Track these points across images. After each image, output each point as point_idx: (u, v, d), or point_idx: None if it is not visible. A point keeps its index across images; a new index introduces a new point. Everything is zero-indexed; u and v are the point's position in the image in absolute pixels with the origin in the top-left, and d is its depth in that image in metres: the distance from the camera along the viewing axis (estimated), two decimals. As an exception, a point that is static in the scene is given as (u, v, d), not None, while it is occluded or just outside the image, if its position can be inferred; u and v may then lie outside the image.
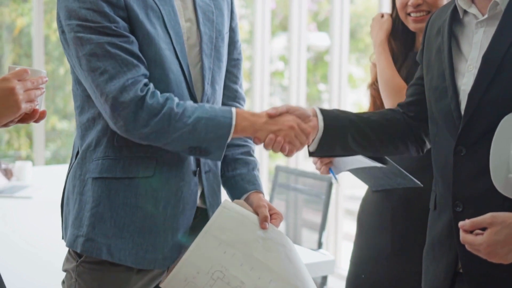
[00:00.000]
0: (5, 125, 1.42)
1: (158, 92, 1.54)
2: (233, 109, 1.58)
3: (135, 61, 1.52)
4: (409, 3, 2.03)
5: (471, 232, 1.37)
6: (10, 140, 5.87)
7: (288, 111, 1.62)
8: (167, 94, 1.55)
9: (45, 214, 3.07)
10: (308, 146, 1.69)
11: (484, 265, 1.39)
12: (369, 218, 2.15)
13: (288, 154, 1.60)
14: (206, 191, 1.67)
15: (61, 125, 6.12)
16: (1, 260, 2.34)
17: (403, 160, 1.92)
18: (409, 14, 2.05)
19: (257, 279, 1.55)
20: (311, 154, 1.70)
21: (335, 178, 2.06)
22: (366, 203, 2.18)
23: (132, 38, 1.54)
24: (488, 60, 1.46)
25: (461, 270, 1.51)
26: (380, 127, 1.73)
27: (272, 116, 1.59)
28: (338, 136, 1.69)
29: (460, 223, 1.38)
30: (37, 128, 4.88)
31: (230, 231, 1.57)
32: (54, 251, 2.32)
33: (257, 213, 1.63)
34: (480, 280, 1.48)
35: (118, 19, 1.52)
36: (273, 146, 1.58)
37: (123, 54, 1.51)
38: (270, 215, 1.64)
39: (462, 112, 1.50)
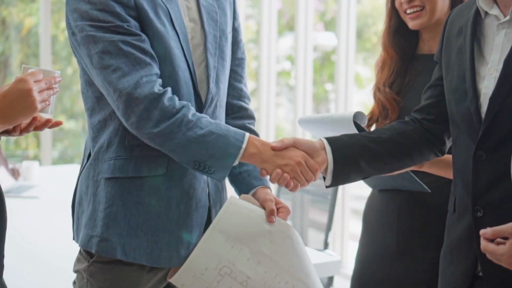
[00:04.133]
0: (20, 133, 1.47)
1: (177, 98, 1.55)
2: (247, 135, 1.58)
3: (147, 60, 1.53)
4: (403, 0, 2.03)
5: (491, 240, 1.35)
6: (18, 140, 5.89)
7: (295, 145, 1.61)
8: (185, 102, 1.55)
9: (51, 214, 3.08)
10: (324, 180, 1.67)
11: (506, 270, 1.36)
12: (375, 217, 2.14)
13: (293, 189, 1.60)
14: (211, 189, 1.68)
15: (68, 125, 6.14)
16: (7, 260, 2.35)
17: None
18: (405, 12, 2.04)
19: (263, 273, 1.57)
20: (328, 186, 1.67)
21: None
22: (372, 201, 2.18)
23: (144, 36, 1.55)
24: (510, 64, 1.43)
25: (480, 274, 1.49)
26: (392, 145, 1.69)
27: (276, 149, 1.59)
28: (350, 164, 1.65)
29: (482, 232, 1.35)
30: (44, 128, 4.89)
31: (237, 226, 1.59)
32: (61, 251, 2.33)
33: (264, 208, 1.64)
34: (501, 285, 1.45)
35: (129, 18, 1.53)
36: (279, 181, 1.58)
37: (136, 52, 1.52)
38: (277, 209, 1.64)
39: (483, 116, 1.47)
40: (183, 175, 1.61)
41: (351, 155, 1.65)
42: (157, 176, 1.59)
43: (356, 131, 1.77)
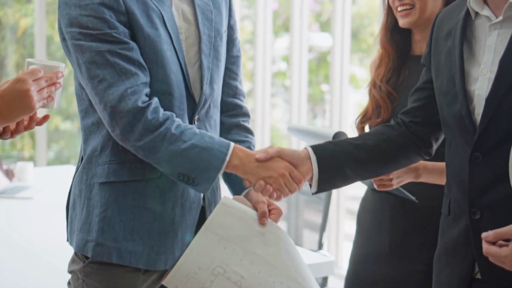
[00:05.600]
0: (11, 136, 1.47)
1: (161, 110, 1.55)
2: (231, 146, 1.58)
3: (133, 69, 1.53)
4: None
5: (493, 243, 1.34)
6: (13, 141, 5.88)
7: (280, 155, 1.61)
8: (168, 114, 1.55)
9: (46, 215, 3.07)
10: (310, 187, 1.67)
11: (505, 272, 1.35)
12: (368, 218, 2.15)
13: (276, 199, 1.61)
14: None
15: (64, 125, 6.13)
16: (1, 260, 2.35)
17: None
18: (397, 10, 2.05)
19: (257, 273, 1.58)
20: (314, 193, 1.67)
21: None
22: (365, 202, 2.19)
23: (132, 44, 1.55)
24: (506, 65, 1.42)
25: (476, 277, 1.48)
26: (377, 151, 1.68)
27: (261, 161, 1.59)
28: (336, 172, 1.66)
29: (483, 235, 1.34)
30: (39, 129, 4.90)
31: (229, 227, 1.60)
32: (55, 252, 2.33)
33: (256, 209, 1.65)
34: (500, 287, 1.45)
35: (118, 24, 1.54)
36: (262, 191, 1.59)
37: (122, 62, 1.53)
38: (269, 211, 1.65)
39: (477, 118, 1.46)
40: None
41: (337, 164, 1.65)
42: (151, 180, 1.60)
43: None
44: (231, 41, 1.78)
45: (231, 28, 1.78)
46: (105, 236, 1.58)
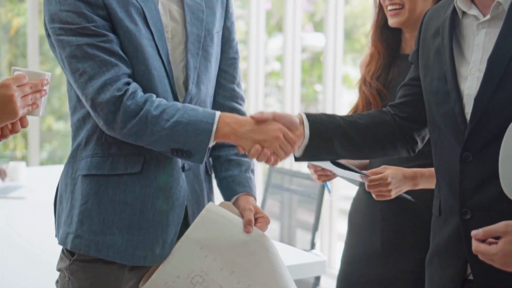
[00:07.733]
0: None
1: (139, 93, 1.55)
2: (217, 114, 1.56)
3: (114, 61, 1.54)
4: None
5: (483, 241, 1.33)
6: (6, 141, 5.86)
7: (275, 118, 1.59)
8: (147, 95, 1.55)
9: (38, 214, 3.07)
10: (294, 152, 1.66)
11: (497, 273, 1.35)
12: (360, 218, 2.15)
13: (273, 164, 1.58)
14: (186, 189, 1.66)
15: (57, 125, 6.12)
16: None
17: (392, 160, 1.92)
18: (387, 9, 2.06)
19: (236, 284, 1.56)
20: (296, 159, 1.67)
21: (329, 191, 2.09)
22: (357, 202, 2.19)
23: (112, 36, 1.56)
24: (494, 63, 1.41)
25: (469, 277, 1.48)
26: (367, 131, 1.69)
27: (256, 119, 1.57)
28: (324, 142, 1.66)
29: (473, 232, 1.33)
30: (32, 129, 4.89)
31: (212, 235, 1.58)
32: (47, 251, 2.33)
33: (243, 216, 1.63)
34: None
35: (96, 18, 1.55)
36: (258, 157, 1.57)
37: (101, 54, 1.54)
38: (256, 219, 1.63)
39: (467, 117, 1.45)
40: (159, 173, 1.61)
41: (327, 134, 1.66)
42: (133, 174, 1.59)
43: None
44: (227, 42, 1.75)
45: (227, 30, 1.75)
46: (84, 228, 1.58)
